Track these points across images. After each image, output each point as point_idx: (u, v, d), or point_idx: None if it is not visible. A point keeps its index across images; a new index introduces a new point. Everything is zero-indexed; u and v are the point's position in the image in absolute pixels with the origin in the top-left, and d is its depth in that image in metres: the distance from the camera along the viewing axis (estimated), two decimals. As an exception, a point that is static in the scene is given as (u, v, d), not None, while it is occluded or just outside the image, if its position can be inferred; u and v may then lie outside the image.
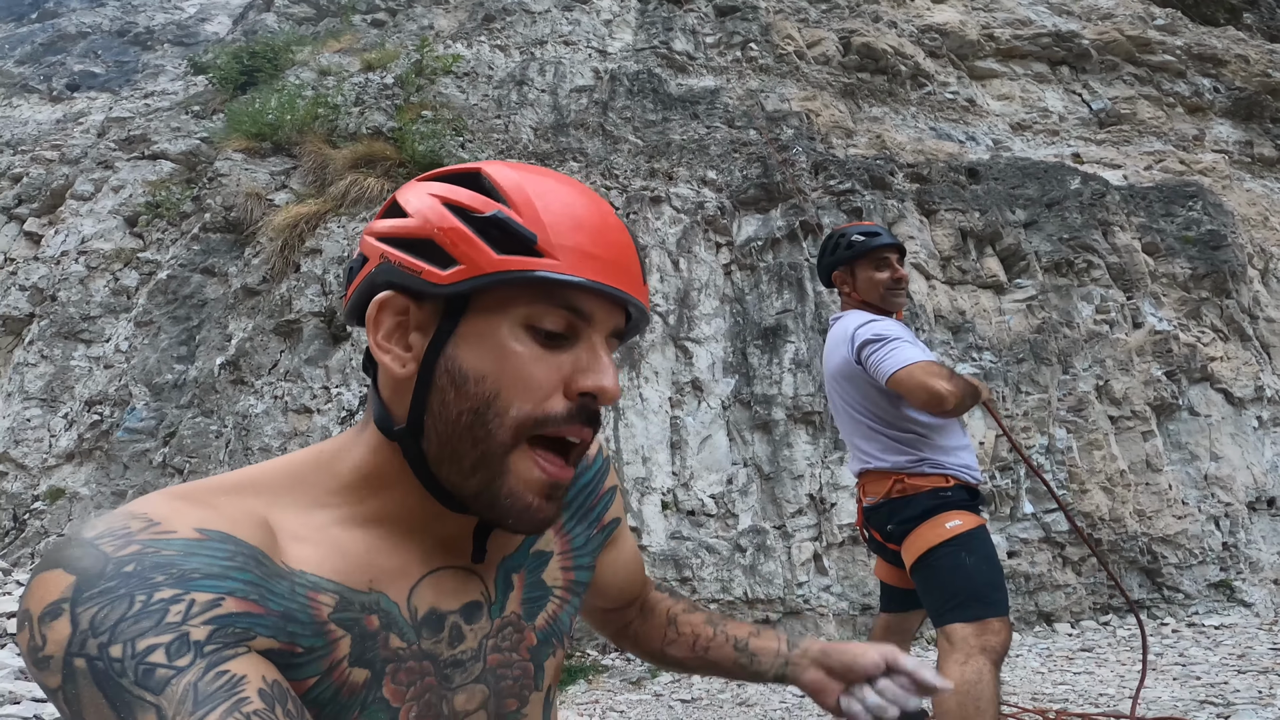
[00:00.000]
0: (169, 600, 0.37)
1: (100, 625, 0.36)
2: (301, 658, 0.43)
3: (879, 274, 1.81)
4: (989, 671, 1.47)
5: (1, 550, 3.52)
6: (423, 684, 0.48)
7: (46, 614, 0.37)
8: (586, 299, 0.47)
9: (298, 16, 7.54)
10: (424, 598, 0.50)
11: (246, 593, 0.40)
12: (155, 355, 3.94)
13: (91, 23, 8.54)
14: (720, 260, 4.42)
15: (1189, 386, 4.27)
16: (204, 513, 0.42)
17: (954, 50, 6.26)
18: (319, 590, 0.44)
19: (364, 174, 4.56)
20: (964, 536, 1.59)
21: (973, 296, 4.40)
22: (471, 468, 0.46)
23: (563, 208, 0.47)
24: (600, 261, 0.47)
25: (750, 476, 3.74)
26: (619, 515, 0.67)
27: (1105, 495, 3.83)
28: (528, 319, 0.46)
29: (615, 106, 5.23)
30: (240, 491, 0.46)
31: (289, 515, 0.46)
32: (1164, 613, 3.69)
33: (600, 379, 0.47)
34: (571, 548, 0.61)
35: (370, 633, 0.46)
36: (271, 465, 0.50)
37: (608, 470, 0.67)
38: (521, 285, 0.46)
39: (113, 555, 0.38)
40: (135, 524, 0.40)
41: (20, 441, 3.79)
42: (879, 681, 0.62)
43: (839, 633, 3.44)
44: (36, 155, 5.78)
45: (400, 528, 0.50)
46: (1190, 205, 5.00)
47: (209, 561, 0.40)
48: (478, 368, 0.46)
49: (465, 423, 0.46)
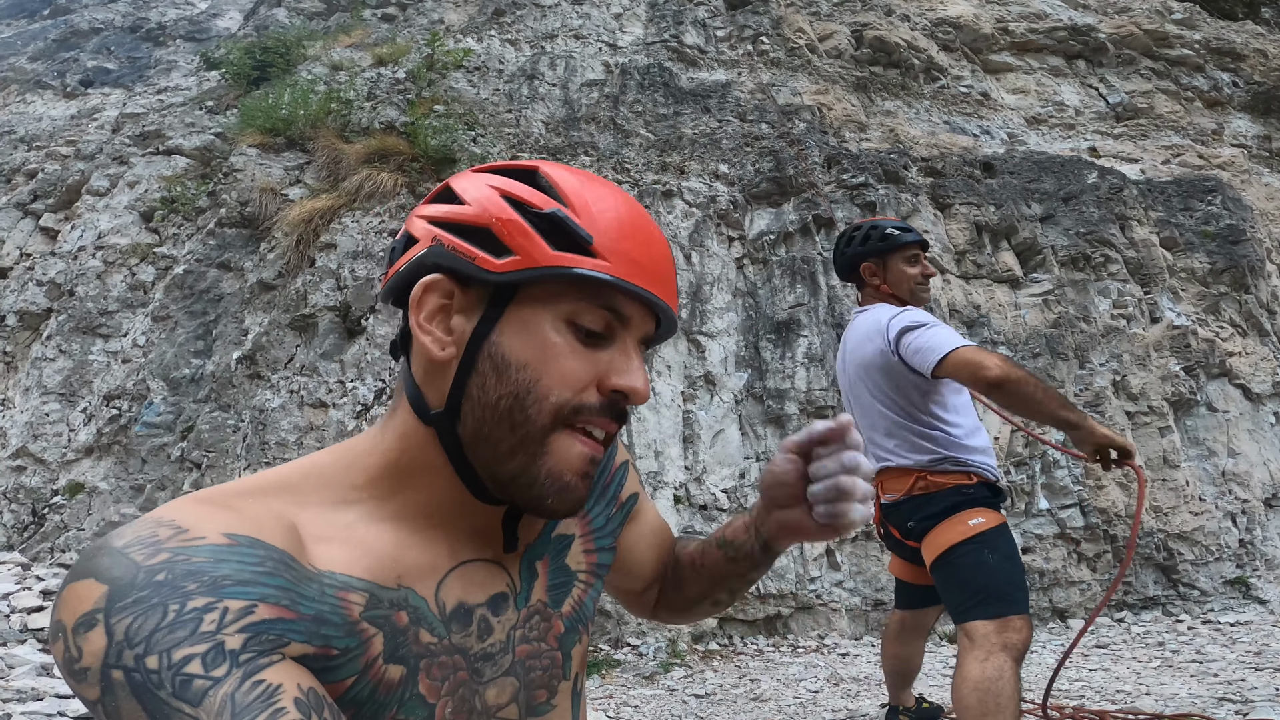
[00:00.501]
0: (202, 609, 0.37)
1: (135, 636, 0.36)
2: (338, 659, 0.42)
3: (911, 269, 1.81)
4: (1010, 668, 1.47)
5: (21, 544, 3.57)
6: (456, 679, 0.48)
7: (81, 625, 0.37)
8: (627, 303, 0.49)
9: (308, 11, 7.55)
10: (451, 592, 0.50)
11: (278, 598, 0.40)
12: (172, 350, 3.98)
13: (104, 19, 8.59)
14: (732, 254, 4.41)
15: (1207, 382, 4.23)
16: (230, 517, 0.42)
17: (968, 44, 6.19)
18: (349, 590, 0.44)
19: (377, 169, 4.57)
20: (987, 534, 1.59)
21: (988, 290, 4.37)
22: (510, 451, 0.47)
23: (615, 214, 0.49)
24: (646, 270, 0.49)
25: (763, 471, 3.73)
26: (635, 490, 0.67)
27: (1122, 491, 3.81)
28: (571, 315, 0.48)
29: (626, 100, 5.21)
30: (264, 494, 0.46)
31: (315, 515, 0.46)
32: (1180, 609, 3.66)
33: (633, 379, 0.48)
34: (592, 529, 0.61)
35: (400, 629, 0.46)
36: (296, 465, 0.50)
37: (615, 447, 0.66)
38: (569, 282, 0.47)
39: (143, 564, 0.38)
40: (164, 531, 0.40)
41: (39, 436, 3.84)
42: (810, 468, 0.53)
43: (851, 627, 3.44)
44: (51, 151, 5.83)
45: (428, 521, 0.50)
46: (1209, 200, 4.94)
47: (239, 567, 0.40)
48: (520, 355, 0.47)
49: (505, 407, 0.47)
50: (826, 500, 0.53)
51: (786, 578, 3.45)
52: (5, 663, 2.36)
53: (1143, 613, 3.63)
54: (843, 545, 3.56)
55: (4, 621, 2.65)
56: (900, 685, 2.11)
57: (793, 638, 3.41)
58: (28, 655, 2.44)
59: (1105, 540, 3.71)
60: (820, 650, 3.26)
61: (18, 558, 3.35)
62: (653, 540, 0.70)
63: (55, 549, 3.48)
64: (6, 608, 2.77)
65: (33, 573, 3.20)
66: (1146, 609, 3.68)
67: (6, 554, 3.41)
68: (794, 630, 3.45)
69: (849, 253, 1.87)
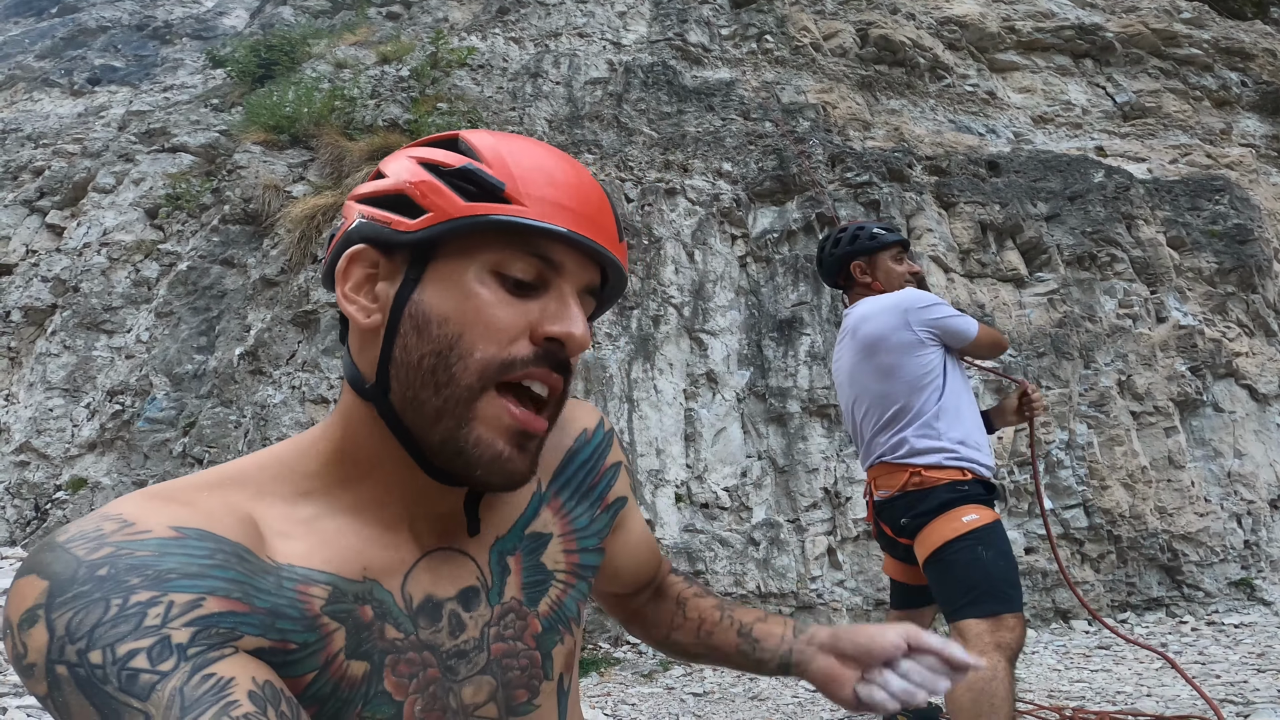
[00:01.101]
0: (146, 603, 0.36)
1: (77, 631, 0.36)
2: (296, 654, 0.41)
3: (899, 267, 1.84)
4: (1004, 668, 1.46)
5: (24, 539, 3.59)
6: (425, 676, 0.47)
7: (24, 621, 0.37)
8: (556, 248, 0.46)
9: (313, 9, 7.57)
10: (419, 585, 0.48)
11: (229, 591, 0.39)
12: (175, 346, 3.99)
13: (111, 17, 8.63)
14: (735, 252, 4.40)
15: (1213, 382, 4.20)
16: (180, 510, 0.41)
17: (974, 42, 6.16)
18: (310, 583, 0.43)
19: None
20: (981, 531, 1.57)
21: (992, 290, 4.35)
22: (435, 414, 0.45)
23: (534, 163, 0.48)
24: (571, 213, 0.47)
25: (764, 470, 3.73)
26: (624, 494, 0.64)
27: (1126, 492, 3.78)
28: (496, 265, 0.46)
29: (630, 99, 5.21)
30: (221, 486, 0.45)
31: (273, 508, 0.45)
32: (1183, 611, 3.64)
33: (568, 325, 0.46)
34: (574, 529, 0.58)
35: (365, 624, 0.45)
36: (254, 457, 0.49)
37: (609, 445, 0.63)
38: (490, 233, 0.46)
39: (85, 558, 0.37)
40: (108, 525, 0.39)
41: (43, 431, 3.86)
42: (902, 664, 0.55)
43: (853, 627, 3.44)
44: (58, 149, 5.86)
45: (389, 509, 0.48)
46: (1216, 199, 4.90)
47: (186, 560, 0.39)
48: (440, 310, 0.45)
49: (428, 366, 0.45)
50: (892, 698, 0.54)
51: (788, 577, 3.44)
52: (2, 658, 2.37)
53: (1146, 614, 3.61)
54: (844, 544, 3.55)
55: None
56: None
57: (793, 637, 3.41)
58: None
59: (1109, 541, 3.69)
60: (821, 649, 3.25)
61: (20, 553, 3.37)
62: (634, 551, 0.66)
63: (59, 543, 3.49)
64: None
65: (36, 566, 3.21)
66: (1150, 610, 3.66)
67: (9, 549, 3.43)
68: (795, 629, 3.44)
69: (837, 253, 1.89)
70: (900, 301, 1.72)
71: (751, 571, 3.44)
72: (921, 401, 1.68)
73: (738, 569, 3.44)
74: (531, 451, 0.48)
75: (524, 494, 0.56)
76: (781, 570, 3.44)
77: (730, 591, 3.40)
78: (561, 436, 0.60)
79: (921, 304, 1.70)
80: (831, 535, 3.57)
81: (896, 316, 1.70)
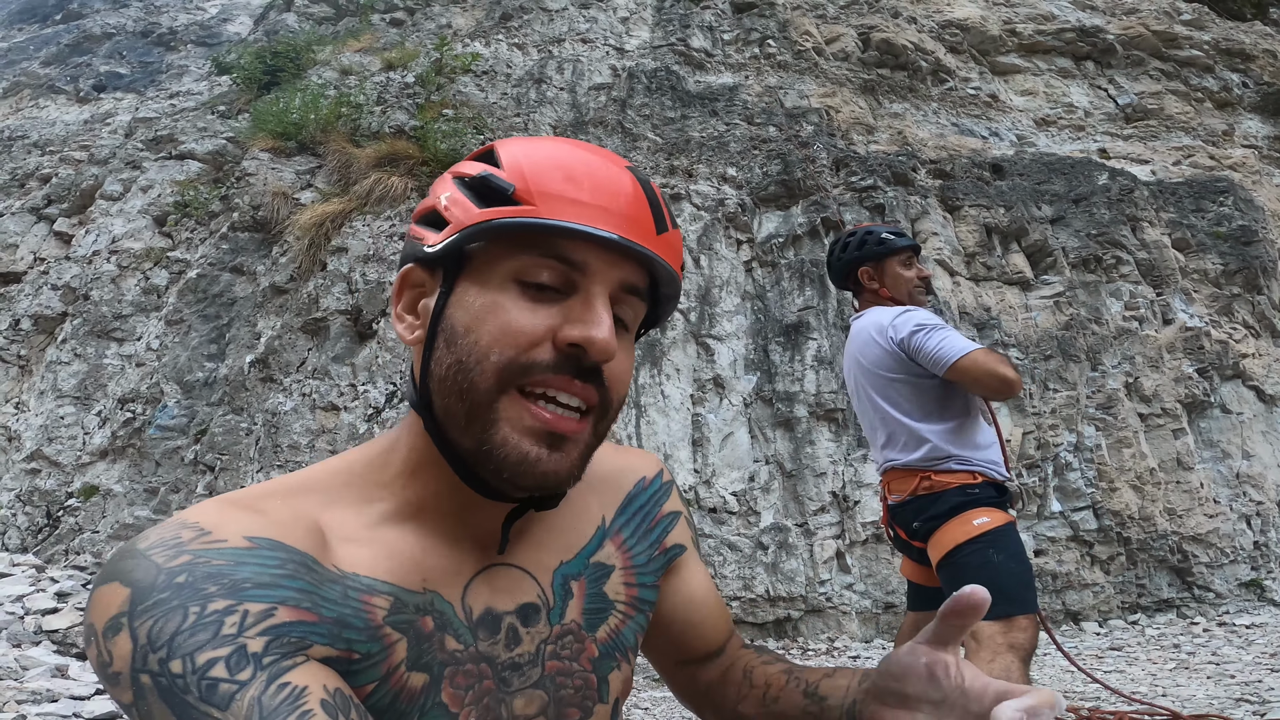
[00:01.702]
0: (223, 611, 0.37)
1: (158, 639, 0.36)
2: (359, 664, 0.42)
3: (907, 272, 1.82)
4: (1017, 668, 1.45)
5: (35, 547, 3.61)
6: (481, 687, 0.47)
7: (108, 629, 0.38)
8: (577, 247, 0.44)
9: (317, 16, 7.61)
10: (479, 597, 0.49)
11: (299, 601, 0.40)
12: (186, 353, 4.01)
13: (116, 24, 8.67)
14: (741, 257, 4.41)
15: (1221, 384, 4.20)
16: (254, 519, 0.42)
17: (975, 46, 6.19)
18: (373, 593, 0.44)
19: (387, 172, 4.60)
20: (992, 533, 1.57)
21: (998, 293, 4.36)
22: (465, 421, 0.45)
23: (549, 161, 0.46)
24: (587, 207, 0.44)
25: (772, 474, 3.74)
26: (683, 543, 0.63)
27: (1135, 494, 3.79)
28: (517, 272, 0.45)
29: (634, 104, 5.23)
30: (292, 494, 0.46)
31: (341, 515, 0.46)
32: (1195, 611, 3.65)
33: (588, 329, 0.43)
34: (633, 564, 0.59)
35: (426, 635, 0.45)
36: (328, 464, 0.50)
37: (668, 494, 0.64)
38: (509, 239, 0.45)
39: (164, 565, 0.38)
40: (186, 533, 0.40)
41: (54, 439, 3.88)
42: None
43: (862, 630, 3.44)
44: (65, 156, 5.89)
45: (449, 519, 0.49)
46: (1221, 201, 4.92)
47: (259, 570, 0.40)
48: (464, 321, 0.45)
49: (452, 375, 0.45)
50: None
51: (796, 580, 3.44)
52: (20, 664, 2.38)
53: (1157, 615, 3.61)
54: (853, 548, 3.56)
55: (19, 623, 2.67)
56: None
57: (803, 640, 3.41)
58: (42, 657, 2.47)
59: (1119, 543, 3.69)
60: (831, 653, 3.26)
61: (32, 560, 3.38)
62: (694, 603, 0.63)
63: (70, 551, 3.51)
64: (21, 609, 2.80)
65: (47, 575, 3.22)
66: (1161, 611, 3.66)
67: (21, 556, 3.44)
68: (804, 633, 3.44)
69: (845, 258, 1.88)
70: (885, 325, 1.72)
71: (760, 575, 3.44)
72: (928, 410, 1.69)
73: (746, 573, 3.45)
74: (570, 453, 0.46)
75: (589, 525, 0.57)
76: (790, 574, 3.45)
77: (739, 595, 3.41)
78: (622, 480, 0.62)
79: (906, 329, 1.67)
80: (840, 539, 3.58)
81: (885, 339, 1.71)
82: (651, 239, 0.46)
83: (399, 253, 4.46)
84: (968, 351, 1.57)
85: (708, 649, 0.65)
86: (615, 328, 0.46)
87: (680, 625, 0.63)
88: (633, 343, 0.51)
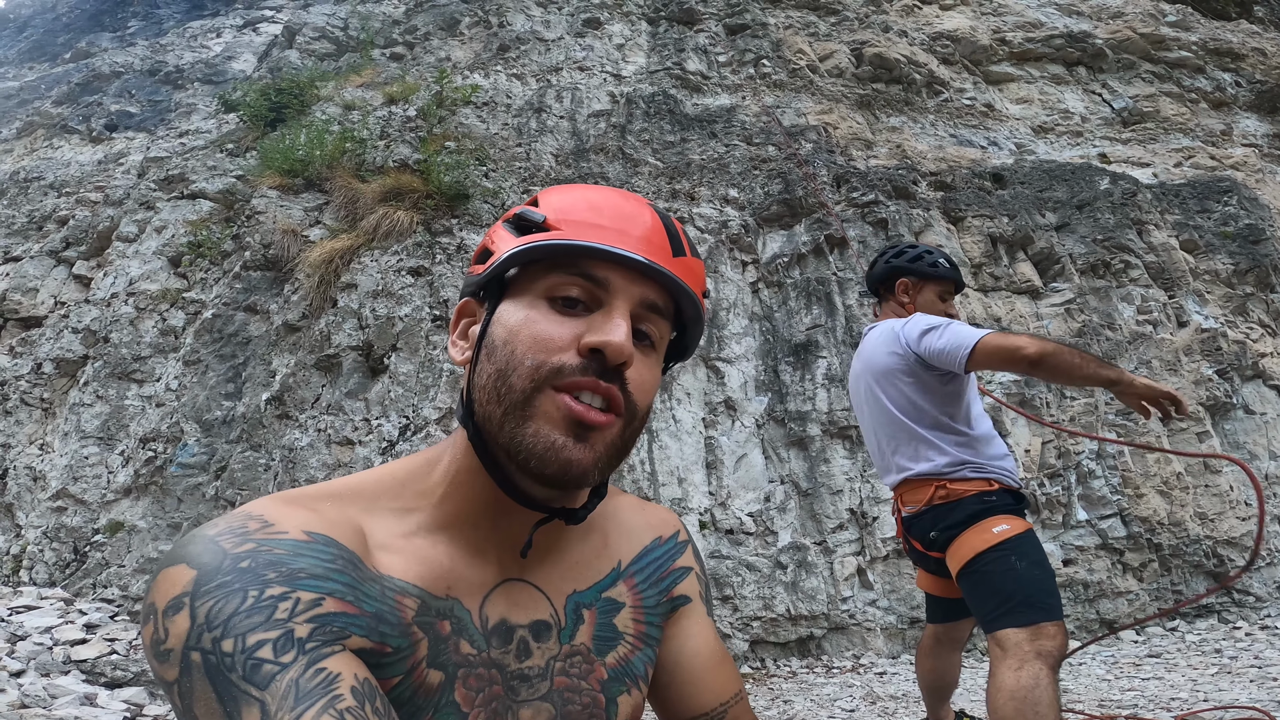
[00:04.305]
0: (278, 597, 0.40)
1: (215, 619, 0.39)
2: (390, 657, 0.45)
3: (940, 303, 1.83)
4: (1046, 676, 1.43)
5: (64, 581, 3.66)
6: (490, 692, 0.49)
7: (170, 608, 0.40)
8: (599, 266, 0.50)
9: (319, 52, 7.77)
10: (496, 608, 0.52)
11: (344, 594, 0.43)
12: (204, 393, 4.08)
13: (124, 62, 8.85)
14: (747, 278, 4.46)
15: (1242, 385, 4.15)
16: (310, 516, 0.46)
17: (967, 56, 6.26)
18: (404, 594, 0.47)
19: (393, 207, 4.68)
20: (1013, 541, 1.56)
21: (1008, 303, 4.37)
22: (501, 422, 0.49)
23: (579, 196, 0.54)
24: (608, 230, 0.51)
25: (788, 493, 3.75)
26: (689, 594, 0.66)
27: (1163, 499, 3.74)
28: (548, 290, 0.51)
29: (633, 129, 5.31)
30: (340, 498, 0.50)
31: (380, 521, 0.50)
32: (1235, 616, 3.61)
33: (606, 334, 0.48)
34: (643, 605, 0.62)
35: (443, 636, 0.48)
36: (372, 473, 0.54)
37: (682, 551, 0.67)
38: (542, 264, 0.51)
39: (231, 551, 0.41)
40: (252, 524, 0.43)
41: (79, 478, 3.94)
42: None
43: (888, 646, 3.42)
44: (81, 197, 6.01)
45: (477, 532, 0.52)
46: (1225, 200, 4.92)
47: (314, 562, 0.43)
48: (502, 335, 0.51)
49: (492, 383, 0.50)
50: None
51: (817, 598, 3.44)
52: (49, 693, 2.42)
53: (1197, 621, 3.55)
54: (874, 564, 3.55)
55: (48, 653, 2.72)
56: (938, 700, 2.08)
57: (827, 658, 3.39)
58: (71, 685, 2.51)
59: (1150, 549, 3.65)
60: (856, 670, 3.23)
61: (60, 593, 3.45)
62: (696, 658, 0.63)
63: (97, 585, 3.56)
64: (50, 640, 2.85)
65: (75, 607, 3.28)
66: (1201, 617, 3.61)
67: (49, 590, 3.50)
68: (828, 651, 3.43)
69: (894, 264, 1.86)
70: (896, 332, 1.72)
71: (780, 595, 3.45)
72: (941, 414, 1.68)
73: (766, 593, 3.45)
74: (595, 446, 0.49)
75: (606, 564, 0.61)
76: (811, 592, 3.45)
77: (760, 615, 3.42)
78: (643, 535, 0.66)
79: (916, 331, 1.67)
80: (860, 555, 3.56)
81: (899, 345, 1.71)
82: (668, 260, 0.52)
83: (408, 287, 4.57)
84: (981, 337, 1.56)
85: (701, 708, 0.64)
86: (639, 342, 0.52)
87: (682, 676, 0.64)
88: (659, 360, 0.55)
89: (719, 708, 0.64)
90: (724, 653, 0.67)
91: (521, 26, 6.27)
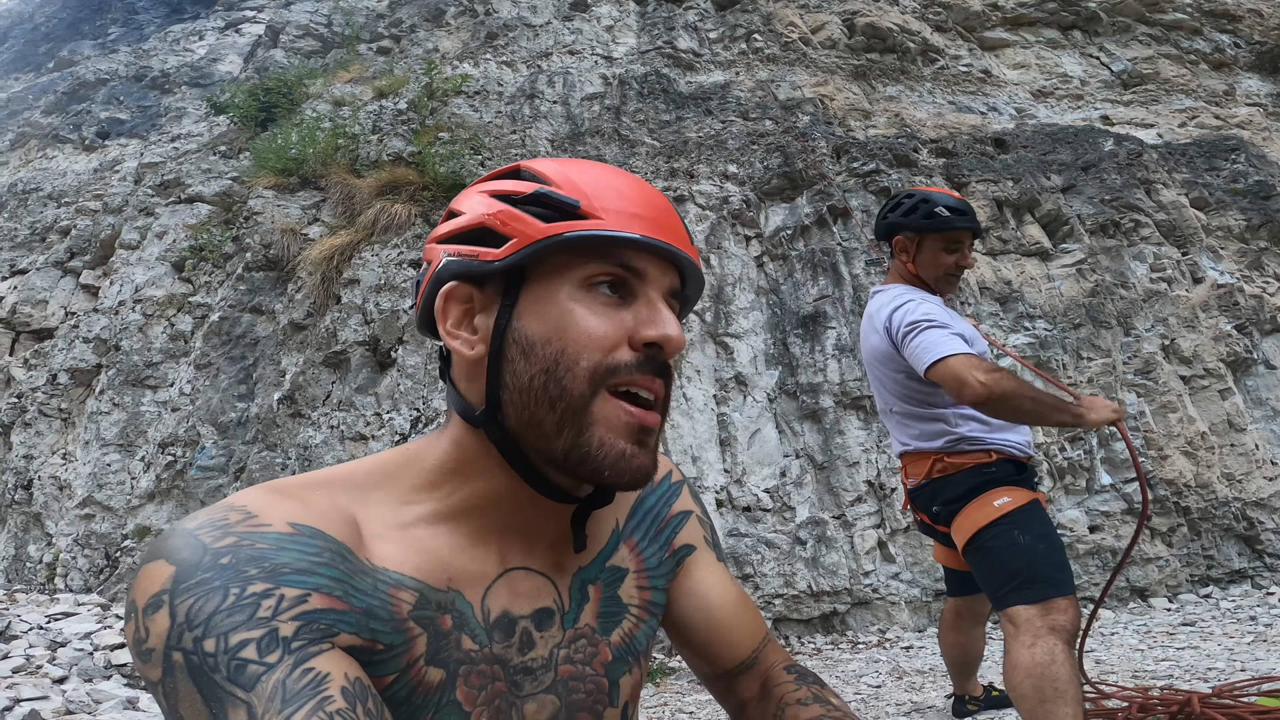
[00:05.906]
0: (260, 595, 0.38)
1: (195, 618, 0.37)
2: (382, 654, 0.43)
3: (948, 256, 1.69)
4: (1062, 650, 1.40)
5: (99, 586, 3.71)
6: (493, 689, 0.48)
7: (149, 606, 0.38)
8: (638, 256, 0.48)
9: (305, 50, 7.68)
10: (498, 600, 0.50)
11: (331, 589, 0.41)
12: (217, 396, 4.10)
13: (108, 69, 8.75)
14: (751, 253, 4.44)
15: (1261, 339, 4.08)
16: (297, 507, 0.44)
17: (960, 23, 6.17)
18: (400, 587, 0.45)
19: (390, 200, 4.65)
20: (1015, 514, 1.52)
21: (1017, 265, 4.32)
22: (556, 428, 0.46)
23: (601, 179, 0.50)
24: (645, 220, 0.49)
25: (804, 468, 3.75)
26: (691, 542, 0.64)
27: (1188, 460, 3.67)
28: (585, 280, 0.48)
29: (628, 110, 5.26)
30: (331, 487, 0.47)
31: (375, 512, 0.47)
32: (1269, 581, 3.50)
33: (663, 328, 0.48)
34: (646, 567, 0.60)
35: (444, 632, 0.46)
36: (362, 463, 0.51)
37: (678, 494, 0.65)
38: (574, 250, 0.48)
39: (210, 545, 0.40)
40: (234, 515, 0.42)
41: (104, 485, 3.98)
42: None
43: (913, 620, 3.40)
44: (80, 206, 5.99)
45: (483, 523, 0.50)
46: (1233, 158, 4.87)
47: (298, 556, 0.41)
48: (542, 331, 0.47)
49: (539, 385, 0.46)
50: None
51: (839, 574, 3.42)
52: (93, 698, 2.46)
53: (1230, 587, 3.48)
54: (894, 536, 3.54)
55: (89, 659, 2.76)
56: (964, 674, 2.07)
57: (851, 634, 3.38)
58: (114, 690, 2.54)
59: (1178, 513, 3.58)
60: (882, 645, 3.21)
61: (96, 599, 3.50)
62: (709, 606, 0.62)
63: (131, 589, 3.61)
64: (90, 646, 2.89)
65: (112, 612, 3.33)
66: (1234, 583, 3.53)
67: (85, 596, 3.55)
68: (852, 626, 3.42)
69: (890, 220, 1.74)
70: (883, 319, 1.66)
71: (801, 571, 3.46)
72: (933, 395, 1.64)
73: (786, 569, 3.47)
74: (651, 447, 0.49)
75: (605, 529, 0.58)
76: (832, 568, 3.45)
77: (781, 593, 3.44)
78: None
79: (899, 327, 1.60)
80: (880, 528, 3.54)
81: (883, 332, 1.66)
82: (688, 247, 0.51)
83: (410, 280, 4.53)
84: (943, 356, 1.49)
85: (735, 659, 0.63)
86: None
87: (702, 633, 0.62)
88: None
89: (752, 654, 0.64)
90: (745, 595, 0.66)
91: (508, 13, 6.18)
